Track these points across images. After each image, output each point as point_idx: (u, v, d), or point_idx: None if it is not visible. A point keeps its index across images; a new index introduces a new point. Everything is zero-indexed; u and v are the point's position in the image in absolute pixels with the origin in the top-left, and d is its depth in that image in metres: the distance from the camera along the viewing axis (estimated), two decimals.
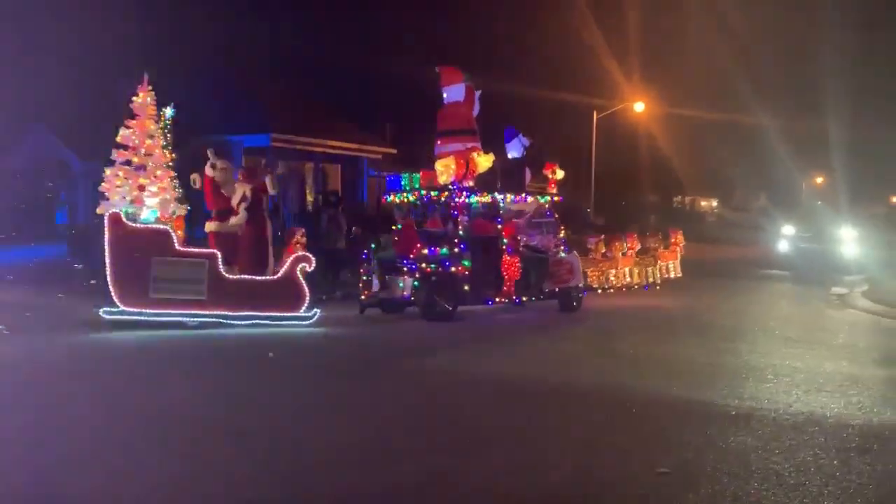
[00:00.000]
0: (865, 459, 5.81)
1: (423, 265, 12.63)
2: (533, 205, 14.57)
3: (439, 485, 5.24)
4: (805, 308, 16.22)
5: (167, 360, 9.28)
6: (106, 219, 11.12)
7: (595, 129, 35.96)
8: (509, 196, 13.73)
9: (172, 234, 11.28)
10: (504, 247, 13.46)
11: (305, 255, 11.81)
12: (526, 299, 13.78)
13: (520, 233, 14.34)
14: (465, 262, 12.75)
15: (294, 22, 44.86)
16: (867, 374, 9.11)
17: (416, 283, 12.57)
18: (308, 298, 11.63)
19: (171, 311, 11.04)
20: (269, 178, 12.45)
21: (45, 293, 14.07)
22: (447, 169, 13.01)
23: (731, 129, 46.37)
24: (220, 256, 11.35)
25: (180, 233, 11.93)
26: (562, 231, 14.94)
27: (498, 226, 13.59)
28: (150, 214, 11.66)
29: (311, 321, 11.59)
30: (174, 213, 11.93)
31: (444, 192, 13.11)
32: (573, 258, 14.64)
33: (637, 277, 18.90)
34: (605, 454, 5.91)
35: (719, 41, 41.33)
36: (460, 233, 13.05)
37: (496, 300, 13.41)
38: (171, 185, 11.96)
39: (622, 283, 18.33)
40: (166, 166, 11.95)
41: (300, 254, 11.80)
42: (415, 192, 13.48)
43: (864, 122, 43.55)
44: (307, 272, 11.69)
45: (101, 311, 10.93)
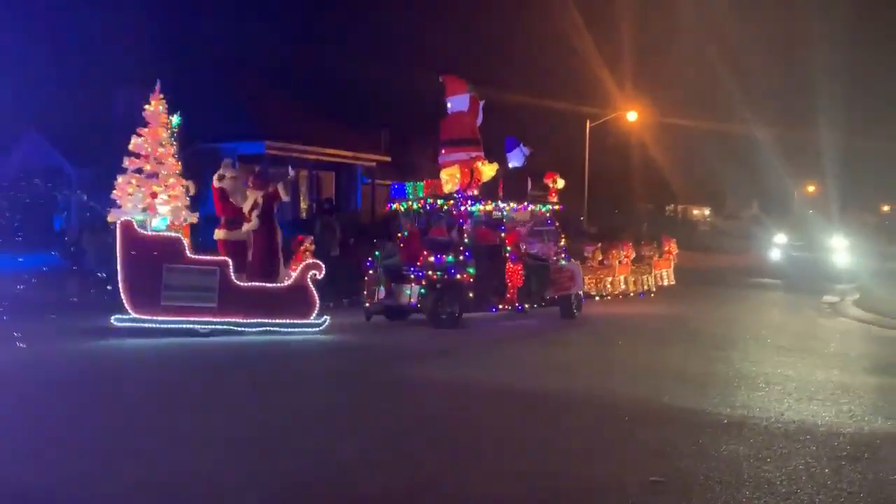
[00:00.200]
0: (856, 468, 5.83)
1: (429, 273, 12.76)
2: (526, 214, 14.78)
3: (436, 490, 5.33)
4: (797, 316, 16.23)
5: (178, 367, 9.41)
6: (118, 226, 11.13)
7: (588, 137, 36.01)
8: (510, 205, 13.97)
9: (184, 241, 11.31)
10: (507, 254, 13.66)
11: (316, 262, 11.88)
12: (528, 306, 13.98)
13: (521, 241, 14.58)
14: (471, 270, 12.93)
15: (288, 29, 45.02)
16: (858, 382, 9.15)
17: (422, 290, 12.67)
18: (318, 305, 11.75)
19: (182, 319, 11.06)
20: (281, 184, 12.42)
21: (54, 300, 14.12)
22: (452, 178, 13.20)
23: (723, 138, 46.70)
24: (231, 264, 11.42)
25: (187, 240, 12.03)
26: (562, 239, 15.18)
27: (501, 234, 13.80)
28: (160, 222, 11.67)
29: (321, 328, 11.72)
30: (186, 221, 11.95)
31: (450, 201, 13.32)
32: (574, 266, 14.93)
33: (633, 285, 19.28)
34: (597, 462, 5.95)
35: (711, 51, 41.70)
36: (465, 241, 13.23)
37: (500, 307, 13.62)
38: (183, 192, 12.02)
39: (618, 290, 18.70)
40: (178, 174, 11.98)
41: (310, 261, 11.85)
42: (420, 201, 13.65)
43: (856, 131, 44.04)
44: (317, 279, 11.78)
45: (113, 318, 10.91)
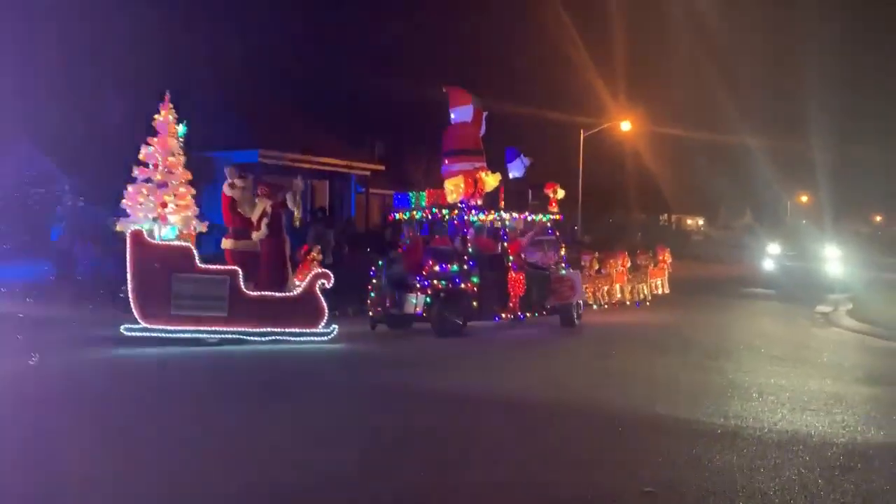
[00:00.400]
0: (849, 478, 5.86)
1: (434, 282, 12.91)
2: (521, 223, 14.99)
3: (433, 499, 5.42)
4: (790, 326, 16.30)
5: (188, 375, 9.56)
6: (128, 236, 11.23)
7: (582, 147, 36.14)
8: (511, 214, 14.21)
9: (194, 250, 11.40)
10: (510, 264, 13.85)
11: (325, 271, 11.96)
12: (529, 315, 14.16)
13: (523, 250, 14.79)
14: (475, 279, 13.12)
15: (282, 38, 45.01)
16: (851, 392, 9.22)
17: (428, 299, 12.81)
18: (327, 314, 11.84)
19: (192, 328, 11.15)
20: (289, 194, 12.38)
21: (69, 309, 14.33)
22: (457, 188, 13.45)
23: (717, 149, 47.18)
24: (241, 273, 11.51)
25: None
26: (562, 248, 15.38)
27: (503, 243, 14.00)
28: (169, 231, 11.72)
29: (330, 337, 11.78)
30: (196, 230, 12.01)
31: (454, 210, 13.53)
32: (574, 275, 15.10)
33: (629, 294, 19.58)
34: (590, 473, 5.97)
35: (706, 62, 42.16)
36: (469, 250, 13.40)
37: (503, 316, 13.80)
38: (193, 201, 12.04)
39: (615, 299, 19.00)
40: (187, 183, 12.00)
41: (319, 270, 11.93)
42: (425, 211, 13.81)
43: (849, 141, 44.48)
44: (326, 289, 11.85)
45: (122, 327, 11.01)
